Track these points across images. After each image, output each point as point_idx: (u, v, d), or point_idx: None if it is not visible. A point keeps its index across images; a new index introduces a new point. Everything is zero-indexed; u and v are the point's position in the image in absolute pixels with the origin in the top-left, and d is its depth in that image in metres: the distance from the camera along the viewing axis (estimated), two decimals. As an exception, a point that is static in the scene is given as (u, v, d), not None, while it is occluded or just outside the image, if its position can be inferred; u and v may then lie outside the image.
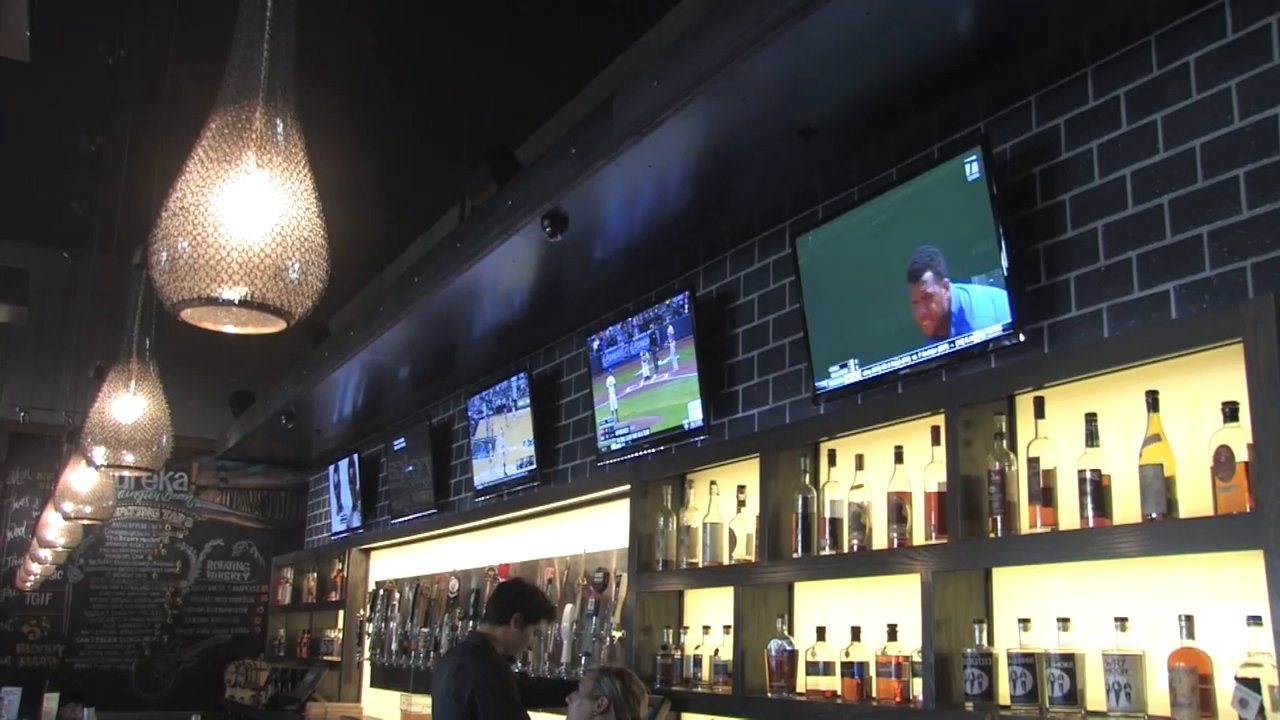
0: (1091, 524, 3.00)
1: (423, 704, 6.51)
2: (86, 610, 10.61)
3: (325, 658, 9.15)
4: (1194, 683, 2.69)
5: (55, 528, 7.14)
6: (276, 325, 2.02)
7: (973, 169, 3.48)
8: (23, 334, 9.84)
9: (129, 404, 3.23)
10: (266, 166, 1.88)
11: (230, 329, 2.09)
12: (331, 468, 9.84)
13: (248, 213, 1.83)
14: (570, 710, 4.08)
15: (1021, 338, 3.37)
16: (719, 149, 4.00)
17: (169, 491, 11.09)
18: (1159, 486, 2.85)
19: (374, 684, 8.73)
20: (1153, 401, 2.92)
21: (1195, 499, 2.85)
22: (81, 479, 5.08)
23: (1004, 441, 3.35)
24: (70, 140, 7.13)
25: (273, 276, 1.82)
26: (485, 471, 6.74)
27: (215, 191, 1.84)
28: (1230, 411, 2.74)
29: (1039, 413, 3.24)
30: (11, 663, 10.14)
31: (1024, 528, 3.23)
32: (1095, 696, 2.95)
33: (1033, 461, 3.19)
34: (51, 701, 6.42)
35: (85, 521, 5.64)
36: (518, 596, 4.57)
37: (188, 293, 1.80)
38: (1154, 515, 2.84)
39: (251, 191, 1.85)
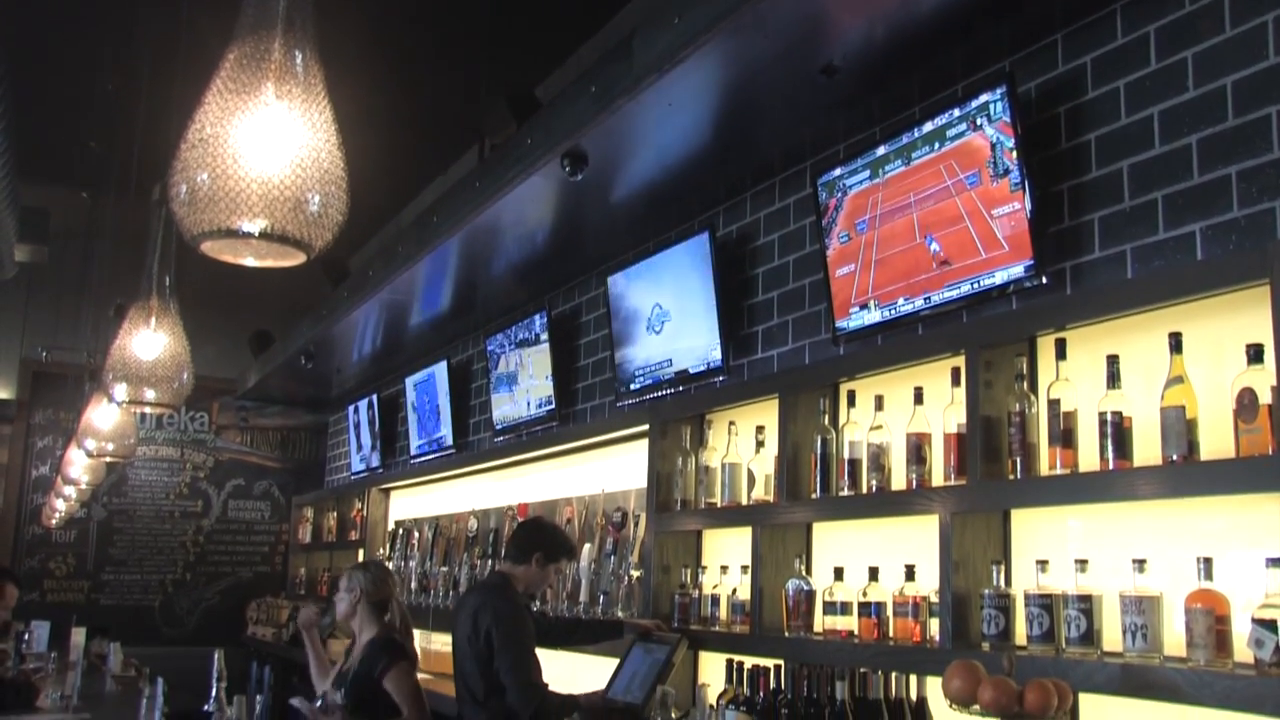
0: (1111, 466, 2.99)
1: (442, 642, 6.58)
2: (110, 548, 10.73)
3: (345, 595, 9.23)
4: (1210, 624, 2.69)
5: (78, 465, 7.20)
6: (297, 258, 2.00)
7: (997, 108, 3.44)
8: (44, 274, 9.88)
9: (149, 341, 3.23)
10: (285, 98, 1.86)
11: (250, 262, 2.09)
12: (351, 407, 9.89)
13: (267, 144, 1.82)
14: (336, 608, 4.69)
15: (1044, 279, 3.34)
16: (740, 87, 3.96)
17: (190, 431, 11.17)
18: (1180, 429, 2.83)
19: (394, 621, 8.82)
20: (1175, 343, 2.90)
21: (1217, 442, 2.83)
22: (103, 417, 5.11)
23: (1024, 383, 3.33)
24: (88, 80, 7.11)
25: (293, 208, 1.80)
26: (505, 407, 6.76)
27: (234, 123, 1.82)
28: (1254, 353, 2.72)
29: (1060, 354, 3.22)
30: (39, 598, 10.28)
31: (1043, 469, 3.22)
32: (1111, 637, 2.96)
33: (1053, 403, 3.18)
34: (79, 636, 6.49)
35: (108, 459, 5.68)
36: (538, 535, 4.59)
37: (207, 225, 1.79)
38: (1175, 457, 2.83)
39: (270, 123, 1.83)
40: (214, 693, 3.41)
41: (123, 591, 10.71)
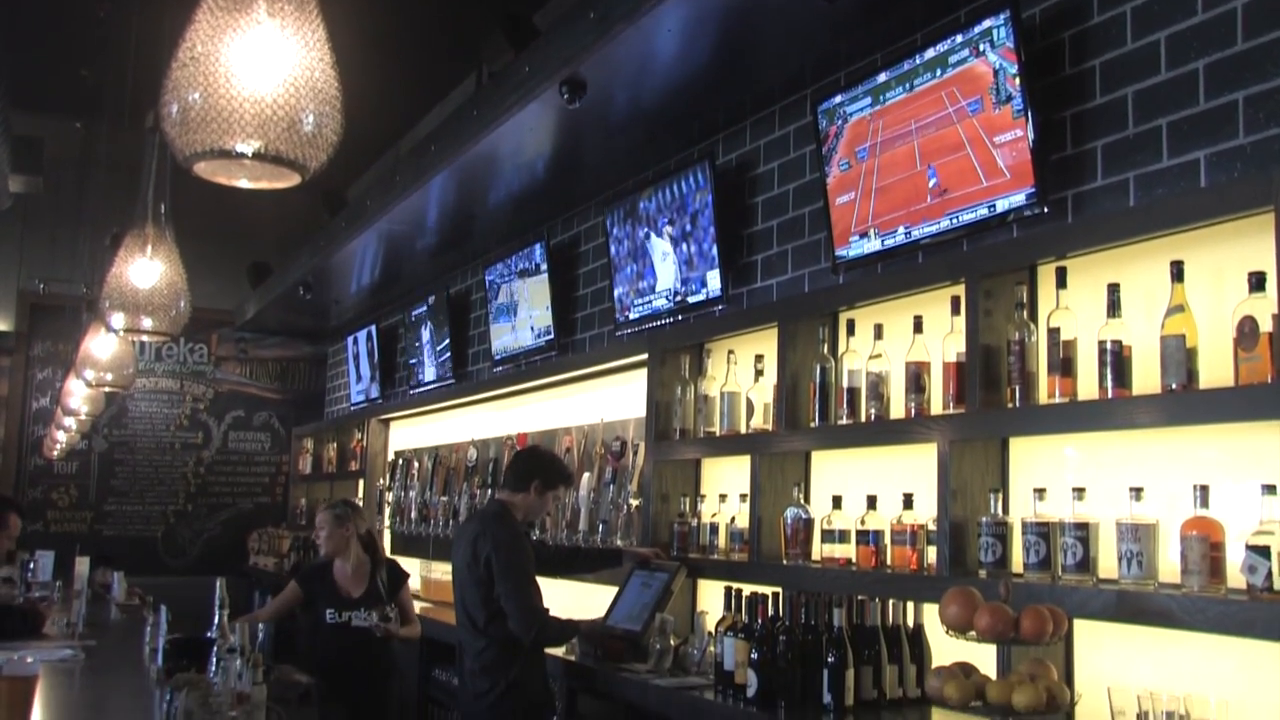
0: (1110, 395, 2.99)
1: (442, 571, 6.64)
2: (112, 479, 10.79)
3: (346, 525, 9.29)
4: (1205, 551, 2.71)
5: (78, 396, 7.21)
6: (291, 179, 1.98)
7: (1000, 34, 3.39)
8: (40, 206, 9.82)
9: (145, 268, 3.21)
10: (278, 15, 1.82)
11: (244, 184, 2.06)
12: (350, 338, 9.89)
13: (259, 63, 1.78)
14: (324, 537, 5.29)
15: (1045, 208, 3.32)
16: (740, 13, 3.91)
17: (189, 363, 11.17)
18: (1180, 357, 2.83)
19: (394, 551, 8.86)
20: (1177, 272, 2.88)
21: (1216, 370, 2.83)
22: (102, 346, 5.09)
23: (1024, 312, 3.32)
24: (79, 8, 7.00)
25: (286, 128, 1.78)
26: (505, 337, 6.75)
27: (226, 41, 1.79)
28: (1256, 281, 2.70)
29: (1061, 283, 3.21)
30: (43, 529, 10.35)
31: (1042, 398, 3.23)
32: (1107, 565, 2.98)
33: (1053, 332, 3.18)
34: (82, 565, 6.53)
35: (107, 389, 5.68)
36: (536, 463, 4.61)
37: (200, 145, 1.77)
38: (1174, 386, 2.83)
39: (263, 41, 1.80)
40: (216, 620, 3.42)
41: (125, 522, 10.78)
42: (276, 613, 5.42)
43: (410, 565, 8.12)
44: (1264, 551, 2.58)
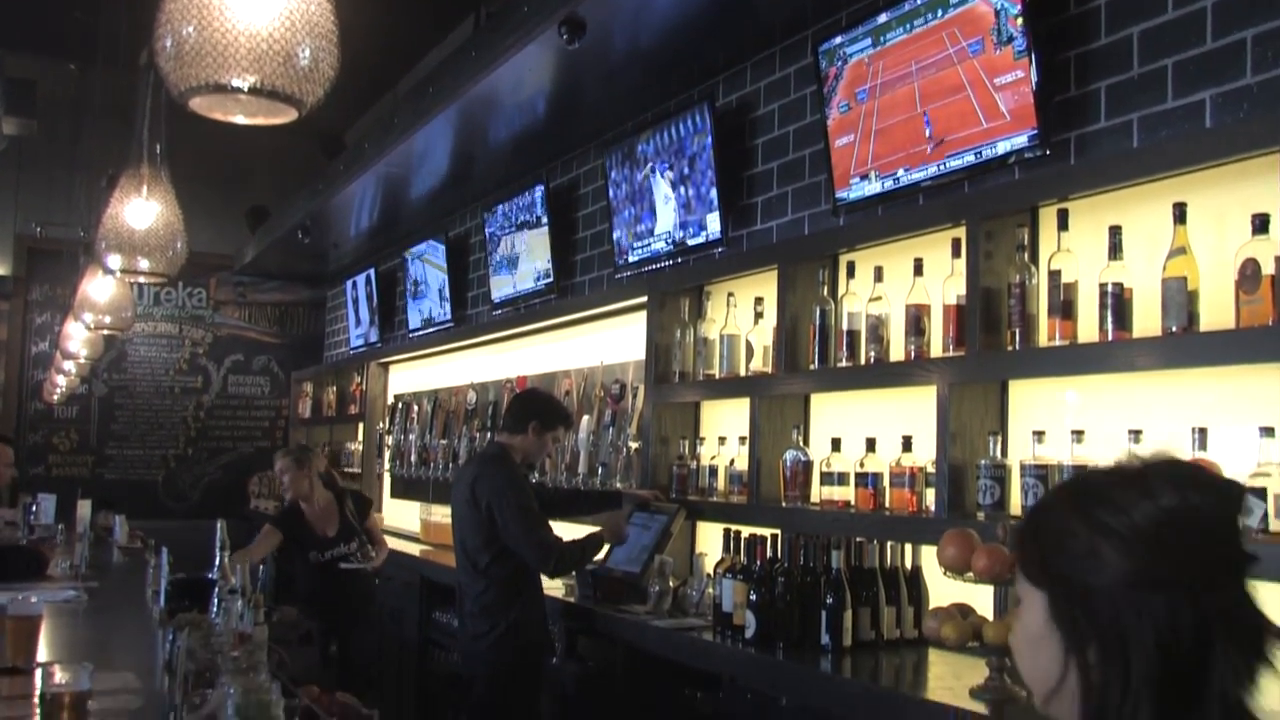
0: (1111, 337, 2.99)
1: (442, 514, 6.66)
2: (112, 423, 10.79)
3: (346, 469, 9.34)
4: (1203, 493, 2.71)
5: (77, 339, 7.19)
6: (288, 114, 1.95)
7: (1005, -29, 3.35)
8: (35, 148, 9.74)
9: (141, 209, 3.19)
10: (272, -51, 1.79)
11: (241, 120, 2.03)
12: (349, 282, 9.87)
13: (255, -5, 1.76)
14: (288, 481, 5.52)
15: (1047, 150, 3.29)
16: (742, -50, 3.85)
17: (188, 307, 11.14)
18: (1181, 300, 2.82)
19: (394, 495, 8.93)
20: (1180, 214, 2.87)
21: (1217, 313, 2.82)
22: (99, 289, 5.08)
23: (1025, 254, 3.31)
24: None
25: (283, 62, 1.75)
26: (505, 287, 6.74)
27: (221, -28, 1.76)
28: (1260, 223, 2.69)
29: (1062, 225, 3.20)
30: (45, 472, 10.37)
31: (1042, 341, 3.22)
32: (1105, 506, 2.98)
33: (1054, 274, 3.17)
34: (84, 508, 6.56)
35: (106, 332, 5.67)
36: (534, 404, 4.61)
37: (195, 80, 1.74)
38: (1174, 329, 2.82)
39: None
40: (218, 561, 3.44)
41: (126, 466, 10.80)
42: (257, 556, 5.55)
43: (410, 508, 8.19)
44: (1260, 493, 2.59)
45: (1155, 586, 1.14)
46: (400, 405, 8.49)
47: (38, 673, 2.57)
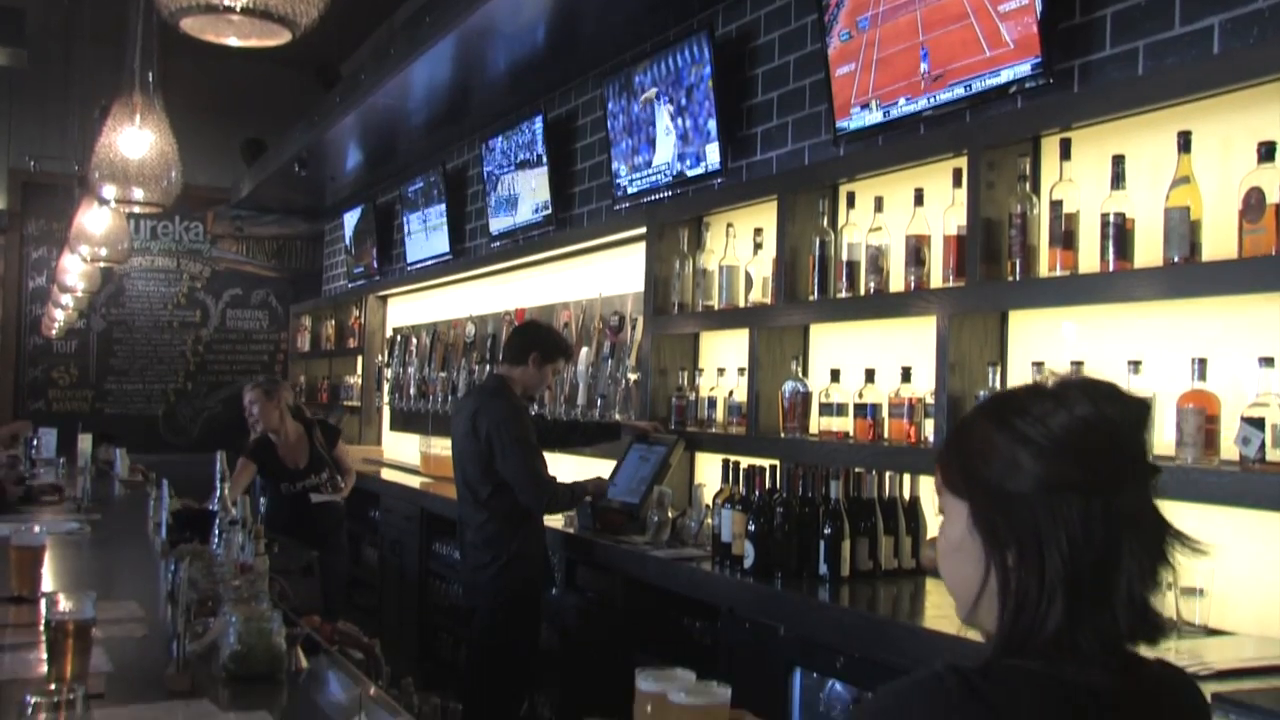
0: (1112, 267, 2.97)
1: (442, 446, 6.68)
2: (111, 358, 10.79)
3: (345, 403, 9.36)
4: (1201, 423, 2.72)
5: (74, 273, 7.17)
6: (281, 36, 1.91)
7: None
8: (26, 80, 9.63)
9: (135, 138, 3.16)
10: None
11: (234, 42, 1.99)
12: (347, 215, 9.82)
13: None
14: (257, 412, 5.58)
15: (1050, 79, 3.25)
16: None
17: (185, 241, 11.09)
18: (1184, 230, 2.80)
19: (394, 428, 8.96)
20: (1184, 142, 2.84)
21: (1220, 243, 2.80)
22: (95, 221, 5.04)
23: (1027, 184, 3.29)
24: None
25: (277, -21, 1.71)
26: (504, 223, 6.71)
27: (209, -112, 1.71)
28: (1265, 151, 2.66)
29: (1065, 154, 3.17)
30: (45, 407, 10.40)
31: (1043, 271, 3.21)
32: (1104, 437, 2.98)
33: (1055, 204, 3.14)
34: (85, 442, 6.59)
35: (102, 264, 5.65)
36: (534, 336, 4.60)
37: (185, 0, 1.71)
38: (1176, 259, 2.80)
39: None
40: (218, 493, 3.46)
41: (126, 401, 10.82)
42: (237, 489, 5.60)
43: (409, 441, 8.22)
44: (1258, 423, 2.59)
45: (1069, 490, 1.20)
46: (399, 338, 8.49)
47: (42, 602, 2.59)
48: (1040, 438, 1.22)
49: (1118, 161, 3.00)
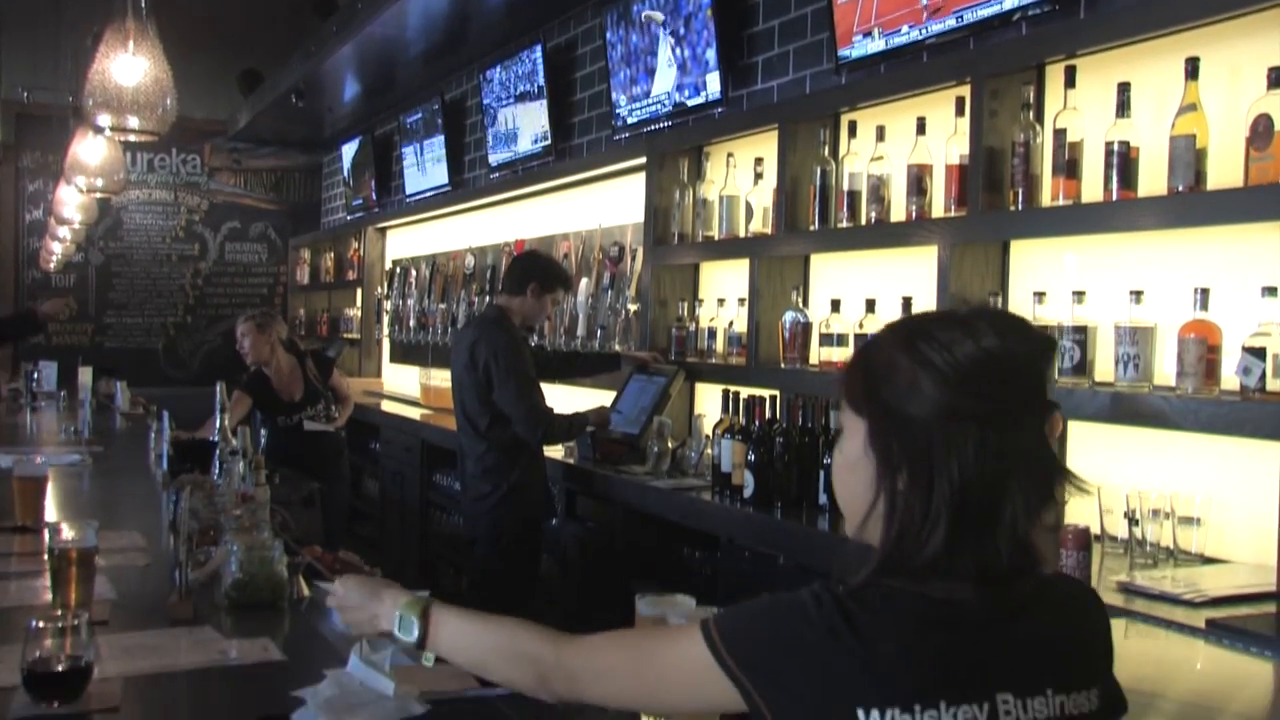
0: (1115, 197, 2.95)
1: (442, 378, 6.69)
2: (111, 292, 10.77)
3: (345, 335, 9.36)
4: (1202, 353, 2.72)
5: (70, 204, 7.13)
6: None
7: None
8: (16, 10, 9.51)
9: (128, 64, 3.12)
10: None
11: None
12: (344, 146, 9.75)
13: None
14: (249, 345, 5.53)
15: (1056, 5, 3.20)
16: None
17: (182, 174, 11.02)
18: (1189, 158, 2.77)
19: (393, 359, 8.97)
20: (1192, 69, 2.80)
21: (1226, 172, 2.77)
22: (90, 150, 5.00)
23: (1030, 113, 3.25)
24: None
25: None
26: (504, 157, 6.66)
27: None
28: (1276, 77, 2.62)
29: (1069, 82, 3.13)
30: (44, 340, 10.39)
31: (1045, 201, 3.18)
32: (1104, 368, 2.99)
33: (1059, 133, 3.11)
34: (85, 375, 6.59)
35: (98, 195, 5.62)
36: (532, 266, 4.58)
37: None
38: (1180, 188, 2.78)
39: None
40: (218, 424, 3.47)
41: (125, 334, 10.82)
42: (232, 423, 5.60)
43: (409, 373, 8.23)
44: (1259, 353, 2.58)
45: (967, 420, 1.21)
46: (398, 270, 8.47)
47: (46, 531, 2.61)
48: (944, 365, 1.22)
49: (1123, 89, 2.97)
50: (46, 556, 2.34)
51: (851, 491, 1.31)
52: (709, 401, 4.57)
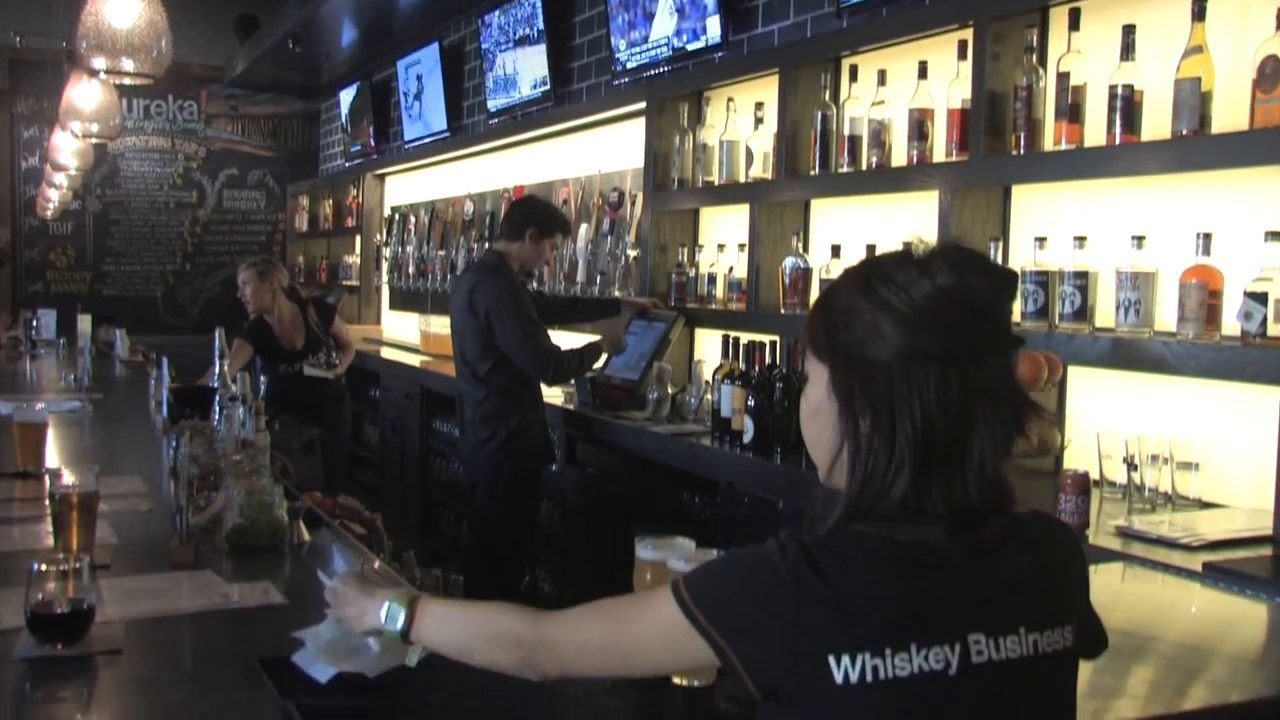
0: (1118, 141, 2.93)
1: (441, 324, 6.68)
2: (109, 240, 10.73)
3: (345, 282, 9.34)
4: (1203, 298, 2.71)
5: (66, 150, 7.07)
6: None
7: None
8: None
9: (122, 6, 3.08)
10: None
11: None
12: (342, 92, 9.67)
13: None
14: (250, 293, 5.53)
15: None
16: None
17: (179, 121, 10.95)
18: (1194, 102, 2.74)
19: (393, 306, 8.95)
20: (1198, 10, 2.76)
21: (1231, 116, 2.75)
22: (85, 95, 4.95)
23: (1034, 56, 3.22)
24: None
25: None
26: (502, 102, 6.61)
27: None
28: (1283, 17, 2.59)
29: (1073, 25, 3.09)
30: (43, 289, 10.37)
31: (1048, 145, 3.16)
32: (1105, 314, 2.98)
33: (1062, 76, 3.08)
34: (84, 323, 6.57)
35: (94, 140, 5.57)
36: (531, 210, 4.55)
37: None
38: (1185, 131, 2.75)
39: None
40: (217, 370, 3.46)
41: (124, 282, 10.79)
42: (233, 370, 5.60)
43: (408, 320, 8.22)
44: (1261, 298, 2.57)
45: (928, 360, 1.21)
46: (397, 217, 8.43)
47: (46, 476, 2.61)
48: (902, 306, 1.22)
49: (1128, 31, 2.94)
50: (48, 501, 2.35)
51: (818, 438, 1.31)
52: (709, 347, 4.57)
